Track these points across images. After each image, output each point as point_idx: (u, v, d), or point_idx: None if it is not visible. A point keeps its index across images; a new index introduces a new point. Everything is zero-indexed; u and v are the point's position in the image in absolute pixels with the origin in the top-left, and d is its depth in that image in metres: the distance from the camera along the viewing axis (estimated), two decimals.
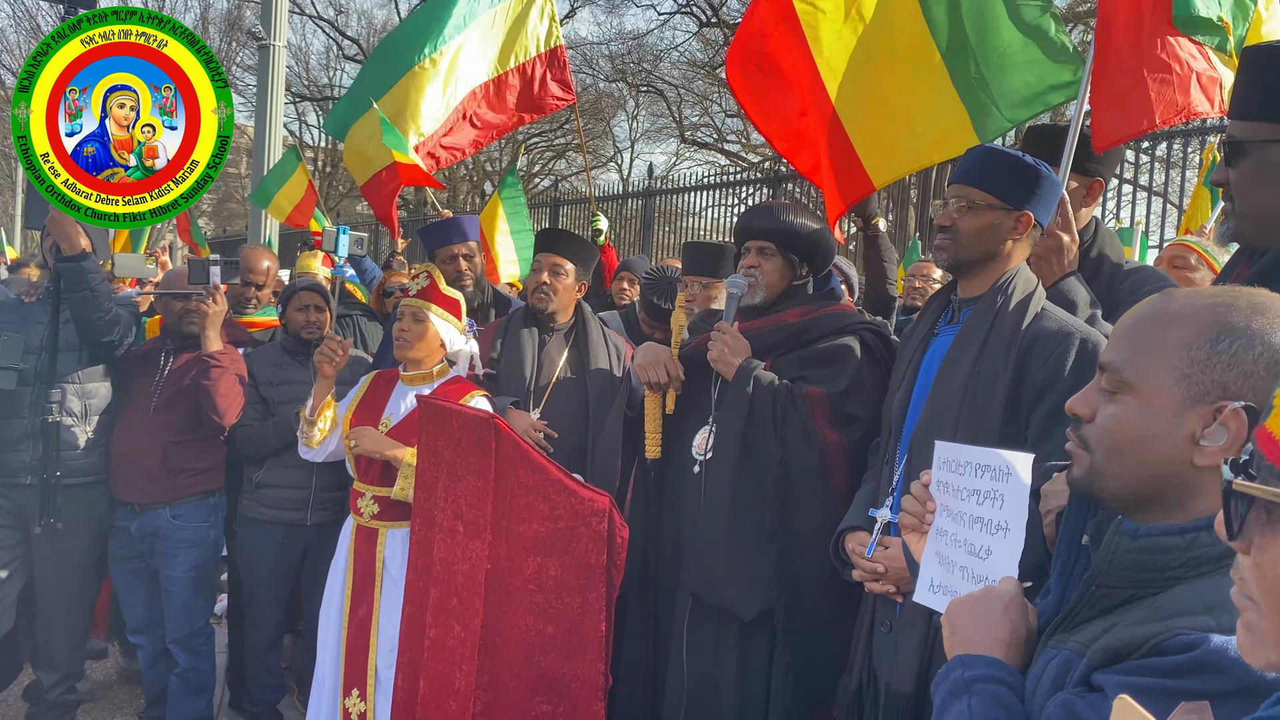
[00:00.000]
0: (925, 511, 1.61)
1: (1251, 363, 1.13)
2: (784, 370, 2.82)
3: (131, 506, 3.80)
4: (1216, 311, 1.16)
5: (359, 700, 3.30)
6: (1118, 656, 1.11)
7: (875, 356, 2.83)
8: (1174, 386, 1.16)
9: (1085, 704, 1.11)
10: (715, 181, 10.52)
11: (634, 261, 5.48)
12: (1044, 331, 2.18)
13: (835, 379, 2.76)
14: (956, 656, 1.32)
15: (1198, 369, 1.15)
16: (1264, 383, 1.12)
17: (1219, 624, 1.05)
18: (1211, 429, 1.13)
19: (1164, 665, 1.06)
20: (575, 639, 2.84)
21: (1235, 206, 1.78)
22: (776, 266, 2.91)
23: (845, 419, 2.72)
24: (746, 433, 2.74)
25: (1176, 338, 1.17)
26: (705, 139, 22.52)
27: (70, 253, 3.51)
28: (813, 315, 2.88)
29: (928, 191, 9.15)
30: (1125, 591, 1.17)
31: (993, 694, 1.24)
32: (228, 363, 3.68)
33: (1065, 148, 2.60)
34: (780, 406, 2.72)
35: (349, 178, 27.79)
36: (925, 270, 4.97)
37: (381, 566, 3.32)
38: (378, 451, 3.28)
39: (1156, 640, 1.08)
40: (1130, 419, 1.20)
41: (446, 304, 3.40)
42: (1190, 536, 1.13)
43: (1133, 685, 1.06)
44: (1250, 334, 1.13)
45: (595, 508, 2.84)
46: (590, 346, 3.54)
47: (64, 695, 3.91)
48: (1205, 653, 1.03)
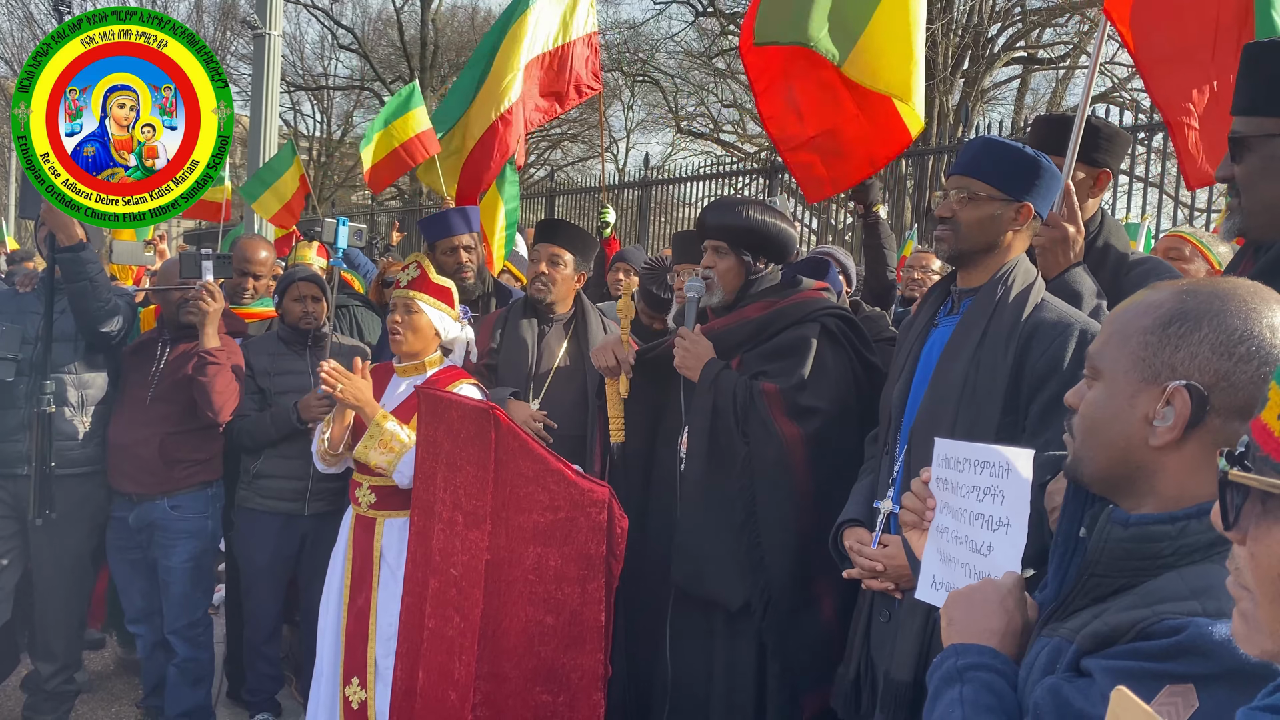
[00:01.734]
0: (925, 509, 1.62)
1: (1197, 344, 1.15)
2: (749, 365, 2.88)
3: (129, 497, 3.79)
4: (1179, 298, 1.19)
5: (359, 689, 3.31)
6: (1106, 642, 1.12)
7: (839, 341, 2.86)
8: (1130, 370, 1.20)
9: (1072, 688, 1.12)
10: (711, 172, 10.51)
11: (630, 252, 5.47)
12: (1044, 322, 2.19)
13: (791, 372, 2.81)
14: (951, 645, 1.34)
15: (1150, 352, 1.18)
16: (1209, 363, 1.14)
17: (1205, 609, 1.06)
18: (1161, 410, 1.16)
19: (1150, 649, 1.07)
20: (575, 629, 2.86)
21: (1241, 202, 1.79)
22: (730, 265, 2.95)
23: (801, 411, 2.77)
24: (713, 432, 2.81)
25: (1139, 324, 1.21)
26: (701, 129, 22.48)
27: (68, 243, 3.50)
28: (774, 308, 2.92)
29: (924, 181, 9.14)
30: (1117, 580, 1.18)
31: (985, 681, 1.26)
32: (224, 359, 3.67)
33: (1071, 138, 2.60)
34: (740, 404, 2.78)
35: (343, 168, 27.74)
36: (924, 261, 4.97)
37: (379, 556, 3.32)
38: (354, 399, 3.26)
39: (1143, 625, 1.09)
40: (1098, 403, 1.24)
41: (438, 292, 3.40)
42: (1181, 525, 1.14)
43: (1119, 669, 1.08)
44: (1199, 316, 1.16)
45: (594, 498, 2.85)
46: (590, 337, 3.54)
47: (62, 685, 3.91)
48: (1190, 636, 1.04)
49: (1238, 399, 1.13)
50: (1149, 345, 1.19)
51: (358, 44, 26.28)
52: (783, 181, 9.26)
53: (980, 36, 14.82)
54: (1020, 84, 17.65)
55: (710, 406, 2.81)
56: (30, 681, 4.03)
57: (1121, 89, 15.29)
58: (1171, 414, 1.15)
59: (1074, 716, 1.10)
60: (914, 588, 2.20)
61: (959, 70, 15.00)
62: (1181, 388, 1.14)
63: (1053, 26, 16.08)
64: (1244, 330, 1.14)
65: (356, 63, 27.46)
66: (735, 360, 2.87)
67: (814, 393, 2.78)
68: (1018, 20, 15.58)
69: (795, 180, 3.78)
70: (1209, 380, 1.14)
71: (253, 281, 4.46)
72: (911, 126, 3.36)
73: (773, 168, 9.39)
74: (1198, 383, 1.14)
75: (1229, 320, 1.15)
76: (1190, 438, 1.16)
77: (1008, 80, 17.79)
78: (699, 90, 22.35)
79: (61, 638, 3.87)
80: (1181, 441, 1.16)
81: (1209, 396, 1.14)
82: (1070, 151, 2.57)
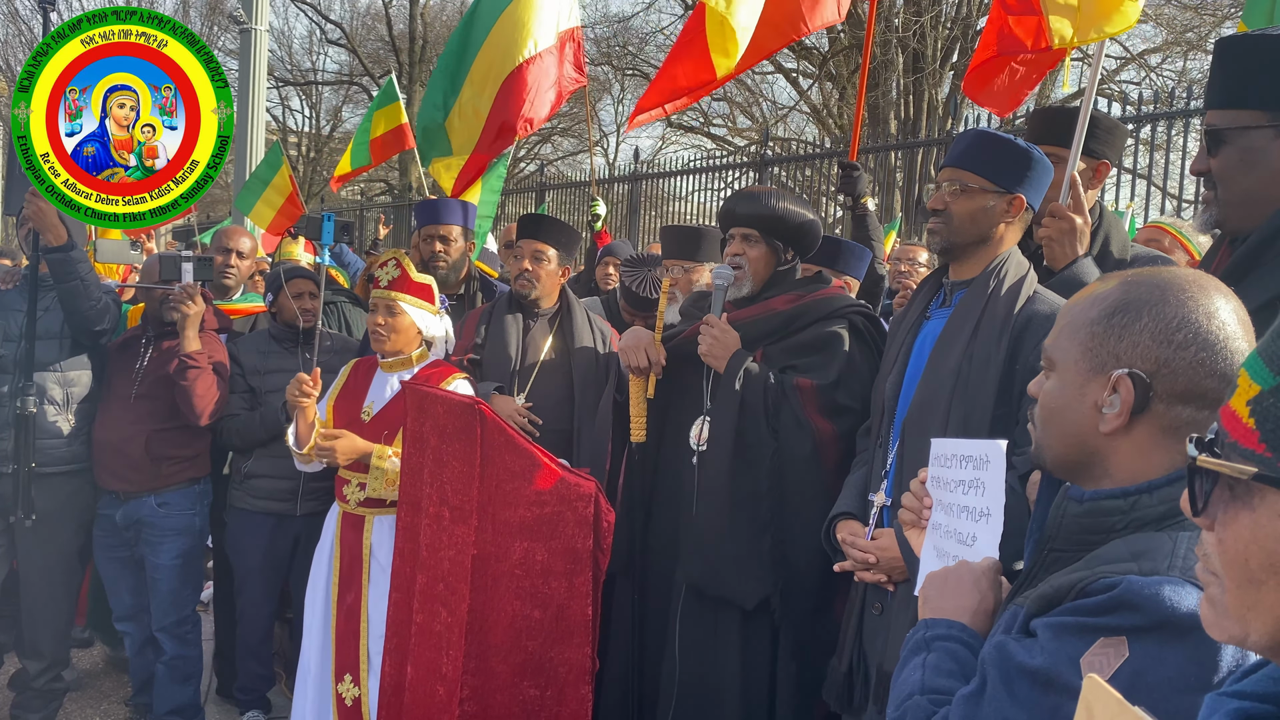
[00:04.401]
0: (923, 507, 1.65)
1: (1138, 332, 1.20)
2: (774, 359, 2.82)
3: (116, 495, 3.77)
4: (1123, 289, 1.24)
5: (352, 685, 3.30)
6: (1051, 602, 1.18)
7: (865, 339, 2.83)
8: (1080, 360, 1.25)
9: (1017, 645, 1.18)
10: (701, 165, 10.50)
11: (617, 246, 5.44)
12: (1037, 315, 2.19)
13: (825, 368, 2.77)
14: (923, 620, 1.41)
15: (1096, 342, 1.24)
16: (1150, 351, 1.19)
17: (1141, 569, 1.11)
18: (1108, 397, 1.21)
19: (1086, 605, 1.12)
20: (562, 623, 2.85)
21: (1218, 194, 1.81)
22: (761, 254, 2.89)
23: (836, 408, 2.73)
24: (740, 426, 2.75)
25: (1087, 315, 1.26)
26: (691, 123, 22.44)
27: (56, 243, 3.48)
28: (802, 301, 2.87)
29: (914, 174, 9.15)
30: (1074, 554, 1.23)
31: (949, 650, 1.33)
32: (204, 362, 3.65)
33: (1076, 129, 2.59)
34: (771, 399, 2.73)
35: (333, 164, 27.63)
36: (911, 254, 4.96)
37: (369, 553, 3.31)
38: (353, 457, 3.27)
39: (1083, 584, 1.14)
40: (1053, 393, 1.29)
41: (418, 290, 3.38)
42: (1132, 499, 1.20)
43: (1057, 624, 1.14)
44: (1140, 306, 1.21)
45: (581, 492, 2.84)
46: (575, 331, 3.53)
47: (50, 683, 3.89)
48: (1123, 591, 1.09)
49: (1179, 384, 1.18)
50: (1095, 335, 1.24)
51: (346, 39, 26.17)
52: (772, 175, 9.26)
53: (969, 29, 14.83)
54: None
55: (738, 399, 2.74)
56: (18, 680, 4.02)
57: (1110, 81, 15.32)
58: (1118, 401, 1.21)
59: (1014, 667, 1.16)
60: (906, 580, 2.21)
61: (948, 63, 15.01)
62: (1125, 375, 1.20)
63: None
64: (1181, 318, 1.18)
65: (345, 58, 27.38)
66: (758, 352, 2.82)
67: (848, 391, 2.74)
68: None
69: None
70: (1150, 367, 1.19)
71: (236, 259, 4.41)
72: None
73: (763, 161, 9.38)
74: (1140, 370, 1.19)
75: (1167, 309, 1.19)
76: (1137, 423, 1.21)
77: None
78: None
79: (49, 635, 3.86)
80: (1129, 427, 1.21)
81: (1151, 383, 1.19)
82: (1075, 143, 2.57)
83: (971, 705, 1.19)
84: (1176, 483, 1.17)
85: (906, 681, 1.34)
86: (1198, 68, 15.15)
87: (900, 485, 2.29)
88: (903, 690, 1.34)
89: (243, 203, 7.67)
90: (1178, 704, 1.01)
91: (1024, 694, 1.14)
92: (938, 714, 1.25)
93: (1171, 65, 15.96)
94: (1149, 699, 0.99)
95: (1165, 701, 1.01)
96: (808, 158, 9.60)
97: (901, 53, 14.35)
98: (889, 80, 14.37)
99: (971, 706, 1.19)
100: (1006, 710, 1.15)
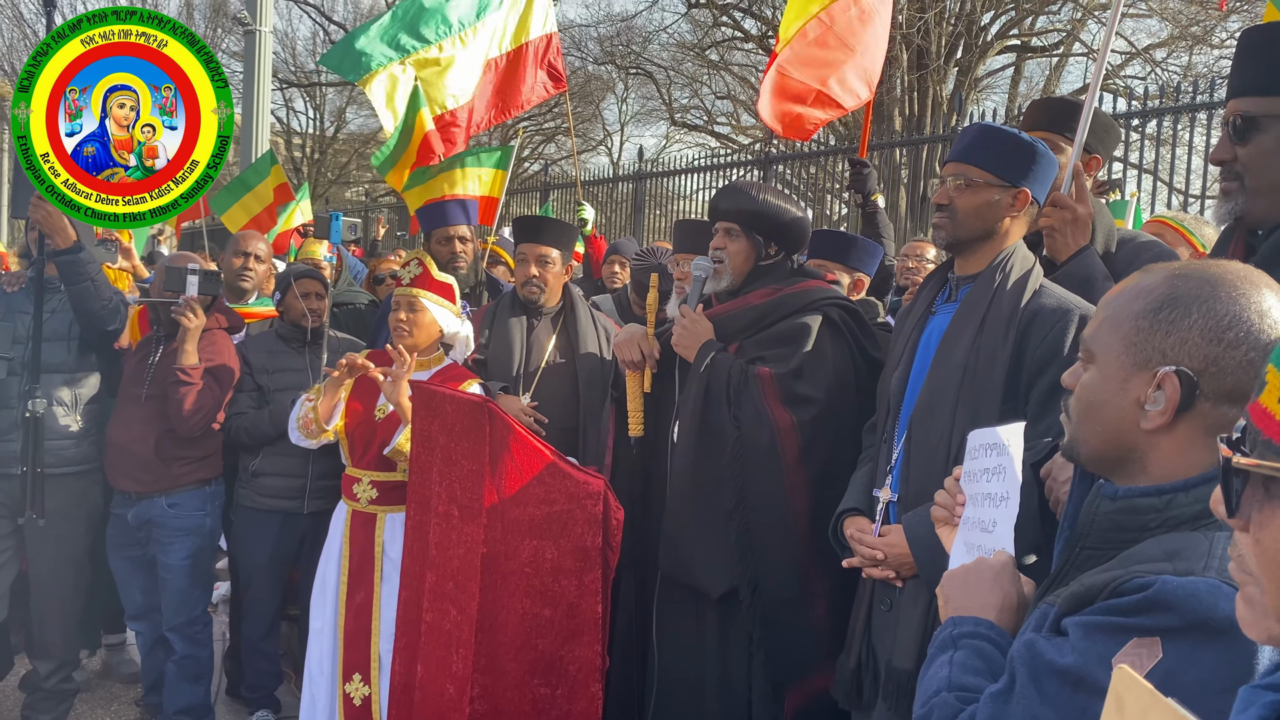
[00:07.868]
0: (955, 504, 1.63)
1: (1187, 329, 1.17)
2: (748, 351, 2.84)
3: (128, 495, 3.78)
4: (1170, 283, 1.21)
5: (362, 684, 3.30)
6: (1083, 601, 1.16)
7: (840, 332, 2.82)
8: (1123, 354, 1.22)
9: (1047, 643, 1.16)
10: (706, 164, 10.49)
11: (623, 244, 5.46)
12: (1043, 308, 2.18)
13: (788, 358, 2.77)
14: (950, 617, 1.39)
15: (1142, 337, 1.20)
16: (1199, 349, 1.16)
17: (1175, 569, 1.09)
18: (1152, 394, 1.18)
19: (1120, 605, 1.10)
20: (572, 621, 2.85)
21: (1244, 183, 1.77)
22: (742, 248, 2.90)
23: (794, 398, 2.73)
24: (704, 415, 2.76)
25: (1132, 309, 1.23)
26: (695, 121, 22.43)
27: (64, 245, 3.49)
28: (777, 295, 2.88)
29: (919, 171, 9.13)
30: (1107, 552, 1.21)
31: (976, 648, 1.31)
32: (198, 378, 3.65)
33: (1080, 121, 2.58)
34: (733, 388, 2.74)
35: (337, 164, 27.68)
36: (918, 250, 4.95)
37: (381, 551, 3.32)
38: (404, 403, 3.22)
39: (1116, 583, 1.12)
40: (1092, 386, 1.26)
41: (440, 289, 3.41)
42: (1167, 498, 1.17)
43: (1089, 624, 1.12)
44: (1189, 302, 1.18)
45: (590, 490, 2.84)
46: (579, 329, 3.53)
47: (60, 684, 3.90)
48: (1157, 591, 1.07)
49: (1227, 384, 1.15)
50: (1140, 330, 1.20)
51: None
52: (776, 173, 9.25)
53: (973, 25, 14.80)
54: (1014, 72, 17.61)
55: (704, 388, 2.76)
56: (28, 681, 4.02)
57: (1115, 76, 15.28)
58: (1162, 398, 1.18)
59: (1044, 665, 1.14)
60: (915, 576, 2.20)
61: (952, 59, 14.98)
62: (1171, 373, 1.17)
63: (1045, 14, 16.04)
64: (1233, 315, 1.15)
65: None
66: (734, 346, 2.83)
67: (810, 381, 2.74)
68: (1010, 8, 15.54)
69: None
70: (1198, 365, 1.16)
71: (254, 262, 4.45)
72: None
73: (767, 159, 9.37)
74: (1187, 368, 1.16)
75: (1218, 306, 1.16)
76: (1180, 421, 1.18)
77: (1001, 68, 17.77)
78: (692, 82, 22.27)
79: (59, 636, 3.86)
80: (1172, 425, 1.18)
81: (1199, 382, 1.16)
82: (1079, 134, 2.56)
83: (1000, 703, 1.18)
84: (1212, 481, 1.15)
85: (933, 679, 1.32)
86: (1202, 62, 15.13)
87: (906, 480, 2.29)
88: (929, 687, 1.32)
89: (219, 204, 7.66)
90: (1211, 705, 0.99)
91: (1053, 693, 1.12)
92: (965, 711, 1.24)
93: (1176, 60, 15.92)
94: (1182, 699, 0.97)
95: (1198, 702, 0.98)
96: (812, 155, 9.57)
97: (906, 49, 14.32)
98: (893, 77, 14.34)
99: (1000, 704, 1.18)
100: (1035, 709, 1.13)
